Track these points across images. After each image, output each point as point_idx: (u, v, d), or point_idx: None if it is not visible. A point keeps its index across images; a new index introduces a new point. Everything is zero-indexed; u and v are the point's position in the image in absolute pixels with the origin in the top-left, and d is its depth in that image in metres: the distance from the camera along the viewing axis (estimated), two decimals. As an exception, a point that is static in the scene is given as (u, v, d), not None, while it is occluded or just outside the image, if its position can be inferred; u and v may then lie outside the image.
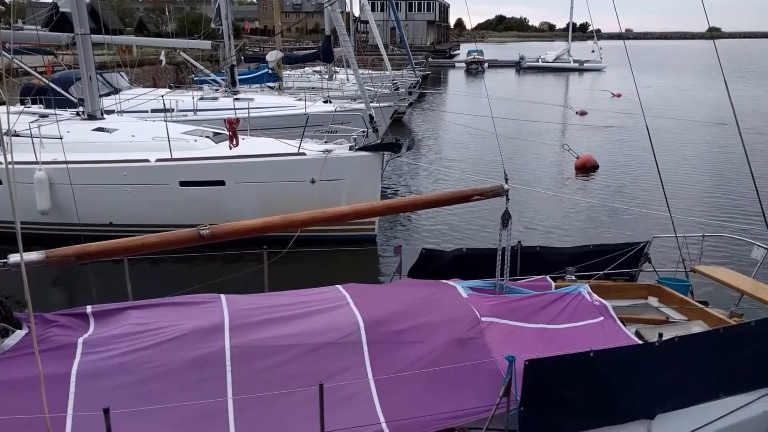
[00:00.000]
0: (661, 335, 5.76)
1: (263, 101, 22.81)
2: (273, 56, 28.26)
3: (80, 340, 5.33)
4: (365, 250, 13.31)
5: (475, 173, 20.14)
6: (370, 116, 13.60)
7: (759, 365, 6.19)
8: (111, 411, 4.07)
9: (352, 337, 5.61)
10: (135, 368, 5.09)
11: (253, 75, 29.90)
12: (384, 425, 5.00)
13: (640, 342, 6.12)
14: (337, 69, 35.21)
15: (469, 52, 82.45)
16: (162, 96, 19.65)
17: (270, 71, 28.88)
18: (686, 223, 11.71)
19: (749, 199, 6.94)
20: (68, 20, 14.60)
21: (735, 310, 7.30)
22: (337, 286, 6.61)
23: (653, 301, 7.88)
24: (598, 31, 69.88)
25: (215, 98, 23.00)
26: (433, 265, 7.65)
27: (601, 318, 6.47)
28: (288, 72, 34.46)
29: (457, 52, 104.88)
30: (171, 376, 5.08)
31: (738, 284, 7.72)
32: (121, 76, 24.21)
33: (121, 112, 18.21)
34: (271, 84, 28.87)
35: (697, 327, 6.88)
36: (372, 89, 23.20)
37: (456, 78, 69.00)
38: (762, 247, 7.71)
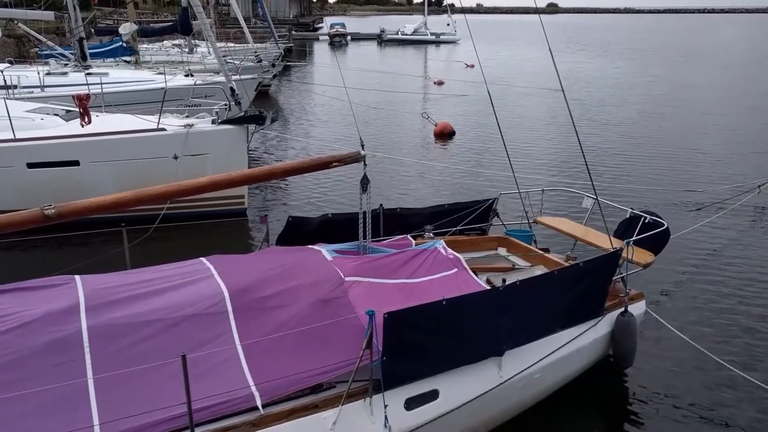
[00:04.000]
0: (504, 280, 6.36)
1: (118, 76, 21.59)
2: (127, 29, 26.80)
3: None
4: (236, 224, 13.26)
5: (342, 142, 20.52)
6: (232, 89, 13.43)
7: (588, 300, 7.02)
8: None
9: (217, 307, 5.60)
10: None
11: (107, 49, 28.13)
12: (253, 388, 5.08)
13: (489, 288, 6.69)
14: (198, 42, 33.97)
15: (332, 26, 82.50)
16: (1, 71, 18.13)
17: (125, 44, 27.38)
18: (528, 180, 12.84)
19: (579, 157, 7.79)
20: None
21: (570, 253, 8.17)
22: (201, 258, 6.52)
23: (502, 251, 8.61)
24: (452, 5, 72.75)
25: (64, 73, 21.46)
26: (300, 232, 7.75)
27: (455, 269, 6.94)
28: (145, 46, 32.77)
29: (320, 25, 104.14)
30: (23, 363, 4.85)
31: (572, 231, 8.64)
32: (-51, 49, 21.97)
33: None
34: (127, 58, 27.41)
35: (539, 271, 7.61)
36: (234, 62, 22.76)
37: (321, 51, 68.81)
38: (590, 197, 8.63)
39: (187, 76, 22.16)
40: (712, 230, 12.63)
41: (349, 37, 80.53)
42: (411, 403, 5.63)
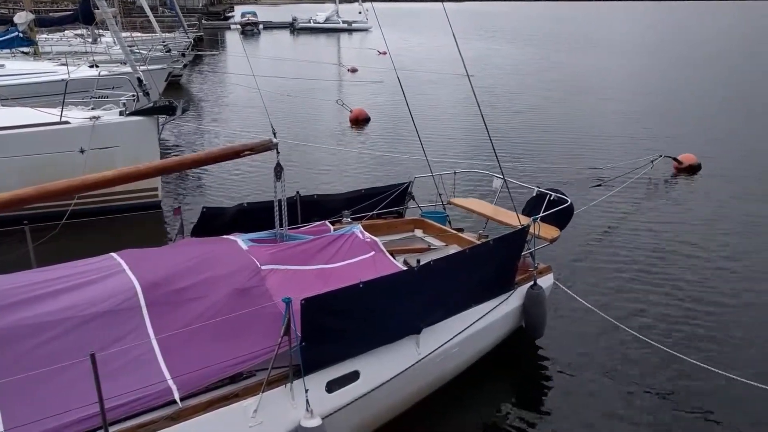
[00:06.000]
0: (419, 261, 6.54)
1: (15, 68, 20.46)
2: (22, 18, 25.30)
3: None
4: (149, 217, 12.92)
5: (256, 130, 20.28)
6: (139, 79, 13.05)
7: (499, 275, 7.32)
8: None
9: (129, 302, 5.45)
10: None
11: (1, 39, 26.55)
12: (170, 381, 5.00)
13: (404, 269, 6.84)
14: (103, 32, 32.54)
15: (243, 14, 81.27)
16: None
17: (21, 34, 25.87)
18: (441, 164, 13.22)
19: (487, 140, 8.11)
20: None
21: (482, 232, 8.48)
22: (111, 254, 6.31)
23: (418, 232, 8.82)
24: (363, -7, 73.69)
25: (-46, 66, 20.19)
26: (216, 223, 7.63)
27: (373, 253, 7.04)
28: (45, 36, 31.09)
29: (231, 14, 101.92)
30: None
31: (483, 210, 8.96)
32: None
33: None
34: (25, 49, 25.93)
35: (453, 250, 7.84)
36: (142, 52, 22.02)
37: (233, 40, 67.45)
38: (499, 178, 8.96)
39: (91, 66, 21.24)
40: (612, 204, 13.44)
41: (261, 26, 79.42)
42: (332, 386, 5.70)
